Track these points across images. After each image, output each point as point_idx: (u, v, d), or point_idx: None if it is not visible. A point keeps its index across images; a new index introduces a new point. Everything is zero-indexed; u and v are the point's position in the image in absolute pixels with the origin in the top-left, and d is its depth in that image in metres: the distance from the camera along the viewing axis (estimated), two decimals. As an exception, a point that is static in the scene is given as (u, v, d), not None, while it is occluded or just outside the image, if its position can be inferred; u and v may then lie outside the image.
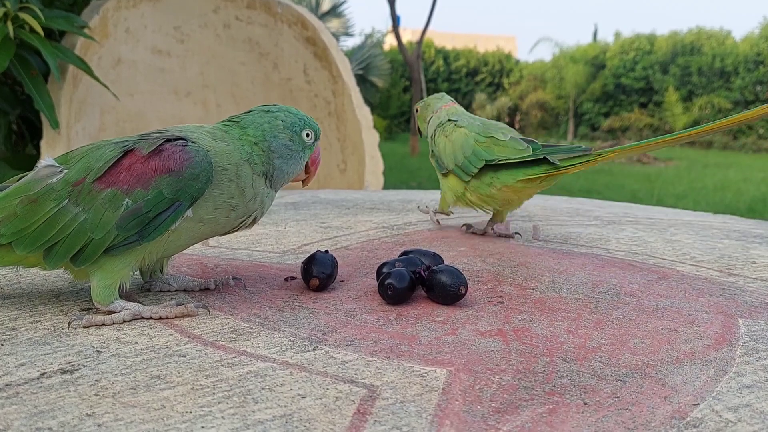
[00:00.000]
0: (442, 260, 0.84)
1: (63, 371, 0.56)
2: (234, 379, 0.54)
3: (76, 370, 0.56)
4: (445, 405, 0.51)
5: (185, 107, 3.18)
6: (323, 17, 9.59)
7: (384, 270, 0.78)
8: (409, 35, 14.92)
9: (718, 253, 1.03)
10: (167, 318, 0.68)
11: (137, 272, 0.78)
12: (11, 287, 0.79)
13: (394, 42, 10.49)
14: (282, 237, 1.09)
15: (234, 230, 0.75)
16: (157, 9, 2.95)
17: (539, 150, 1.00)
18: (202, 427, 0.47)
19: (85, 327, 0.66)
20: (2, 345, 0.61)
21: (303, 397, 0.52)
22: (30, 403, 0.50)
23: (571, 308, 0.75)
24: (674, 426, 0.48)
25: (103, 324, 0.66)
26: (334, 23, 9.88)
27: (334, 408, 0.50)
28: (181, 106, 3.17)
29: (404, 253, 0.84)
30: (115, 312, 0.68)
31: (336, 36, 7.87)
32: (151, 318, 0.68)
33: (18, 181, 0.70)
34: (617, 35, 14.43)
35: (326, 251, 0.81)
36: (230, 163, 0.70)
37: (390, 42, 13.62)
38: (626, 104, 13.34)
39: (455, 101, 1.20)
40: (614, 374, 0.57)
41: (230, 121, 0.75)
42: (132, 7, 2.83)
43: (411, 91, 10.22)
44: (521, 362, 0.59)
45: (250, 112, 0.76)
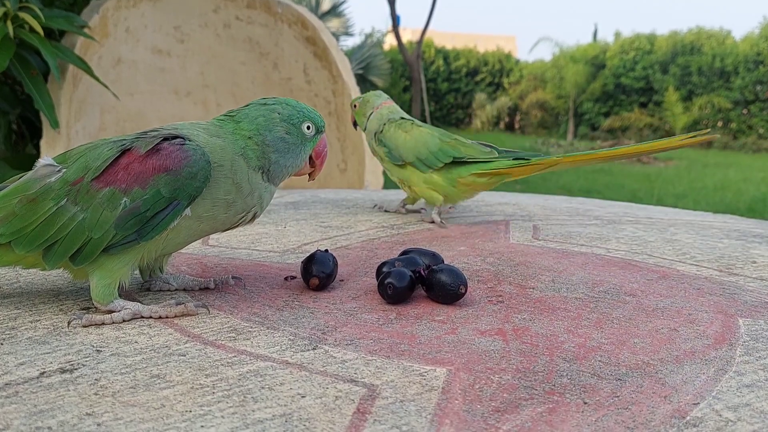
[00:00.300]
0: (442, 259, 0.84)
1: (62, 370, 0.56)
2: (234, 379, 0.54)
3: (76, 370, 0.56)
4: (445, 404, 0.51)
5: (185, 107, 3.18)
6: (323, 17, 9.58)
7: (384, 269, 0.78)
8: (409, 35, 14.91)
9: (718, 253, 1.03)
10: (167, 317, 0.68)
11: (137, 271, 0.78)
12: (11, 286, 0.79)
13: (394, 42, 10.49)
14: (282, 236, 1.09)
15: (234, 226, 0.75)
16: (157, 8, 2.94)
17: (503, 154, 1.19)
18: (202, 426, 0.47)
19: (85, 326, 0.66)
20: (2, 344, 0.61)
21: (303, 397, 0.52)
22: (29, 402, 0.50)
23: (571, 307, 0.75)
24: (674, 425, 0.48)
25: (103, 323, 0.66)
26: (334, 23, 9.87)
27: (334, 407, 0.50)
28: (182, 106, 3.17)
29: (404, 253, 0.84)
30: (115, 311, 0.67)
31: (336, 36, 7.88)
32: (151, 317, 0.68)
33: (17, 181, 0.70)
34: (617, 35, 14.42)
35: (326, 250, 0.81)
36: (225, 159, 0.69)
37: (390, 42, 13.61)
38: (626, 104, 13.33)
39: (391, 99, 1.36)
40: (614, 373, 0.57)
41: (225, 116, 0.74)
42: (132, 7, 2.83)
43: (411, 91, 10.21)
44: (521, 361, 0.59)
45: (248, 106, 0.75)
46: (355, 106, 1.35)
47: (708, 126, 12.33)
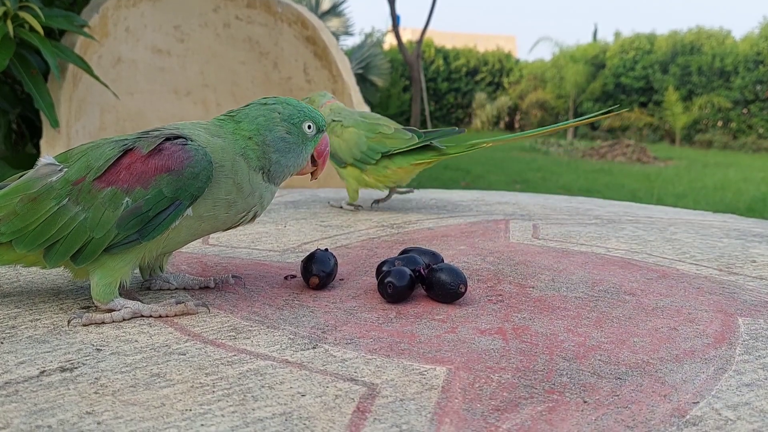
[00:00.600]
0: (442, 259, 0.84)
1: (63, 369, 0.56)
2: (234, 377, 0.55)
3: (76, 368, 0.56)
4: (445, 403, 0.51)
5: (185, 106, 3.18)
6: (323, 16, 9.57)
7: (384, 268, 0.78)
8: (409, 35, 14.90)
9: (718, 252, 1.03)
10: (167, 316, 0.68)
11: (137, 270, 0.78)
12: (11, 285, 0.79)
13: (394, 41, 10.48)
14: (282, 235, 1.09)
15: (235, 226, 0.75)
16: (157, 8, 2.94)
17: (422, 137, 1.24)
18: (202, 425, 0.47)
19: (85, 325, 0.66)
20: (2, 343, 0.61)
21: (303, 395, 0.52)
22: (30, 401, 0.50)
23: (571, 307, 0.75)
24: (674, 424, 0.48)
25: (103, 322, 0.66)
26: (334, 22, 9.86)
27: (334, 406, 0.50)
28: (181, 106, 3.17)
29: (404, 252, 0.84)
30: (115, 310, 0.68)
31: (336, 35, 7.87)
32: (151, 316, 0.68)
33: (17, 180, 0.70)
34: (617, 35, 14.42)
35: (326, 250, 0.81)
36: (226, 160, 0.69)
37: (390, 41, 13.60)
38: (626, 104, 13.33)
39: (336, 98, 1.39)
40: (614, 372, 0.57)
41: (226, 116, 0.74)
42: (132, 6, 2.83)
43: (411, 91, 10.21)
44: (521, 360, 0.59)
45: (248, 106, 0.74)
46: None
47: (708, 126, 12.33)
